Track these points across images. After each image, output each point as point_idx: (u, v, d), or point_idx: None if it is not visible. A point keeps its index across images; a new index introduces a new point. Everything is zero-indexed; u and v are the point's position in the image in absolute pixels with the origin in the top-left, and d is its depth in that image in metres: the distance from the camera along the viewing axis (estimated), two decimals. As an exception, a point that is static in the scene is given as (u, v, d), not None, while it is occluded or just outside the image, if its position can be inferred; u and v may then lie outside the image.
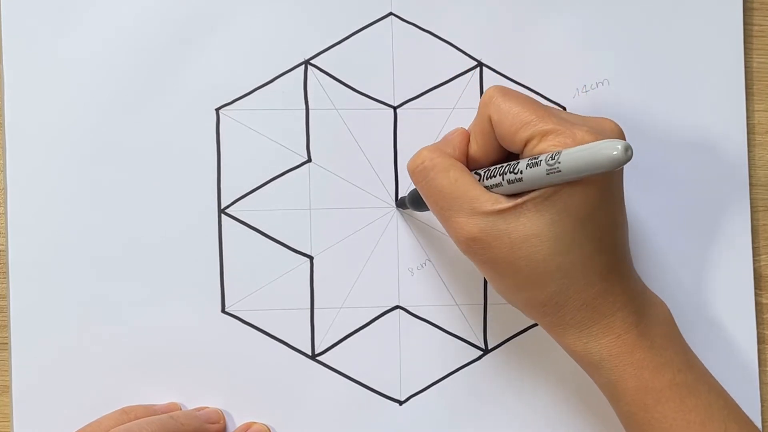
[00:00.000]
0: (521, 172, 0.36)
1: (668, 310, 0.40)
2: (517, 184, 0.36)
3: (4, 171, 0.44)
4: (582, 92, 0.47)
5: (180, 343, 0.44)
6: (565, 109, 0.47)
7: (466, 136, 0.40)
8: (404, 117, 0.46)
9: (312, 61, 0.46)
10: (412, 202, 0.43)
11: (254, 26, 0.45)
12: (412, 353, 0.46)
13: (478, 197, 0.37)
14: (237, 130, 0.45)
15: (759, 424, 0.46)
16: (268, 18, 0.45)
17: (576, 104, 0.46)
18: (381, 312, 0.46)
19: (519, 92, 0.38)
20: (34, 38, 0.44)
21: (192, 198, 0.45)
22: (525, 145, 0.37)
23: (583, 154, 0.33)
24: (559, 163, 0.34)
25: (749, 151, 0.47)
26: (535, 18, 0.46)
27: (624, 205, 0.39)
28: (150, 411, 0.43)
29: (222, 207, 0.45)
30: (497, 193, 0.37)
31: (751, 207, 0.47)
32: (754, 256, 0.47)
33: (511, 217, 0.36)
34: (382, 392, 0.45)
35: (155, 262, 0.44)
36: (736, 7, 0.47)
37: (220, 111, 0.45)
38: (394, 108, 0.46)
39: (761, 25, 0.48)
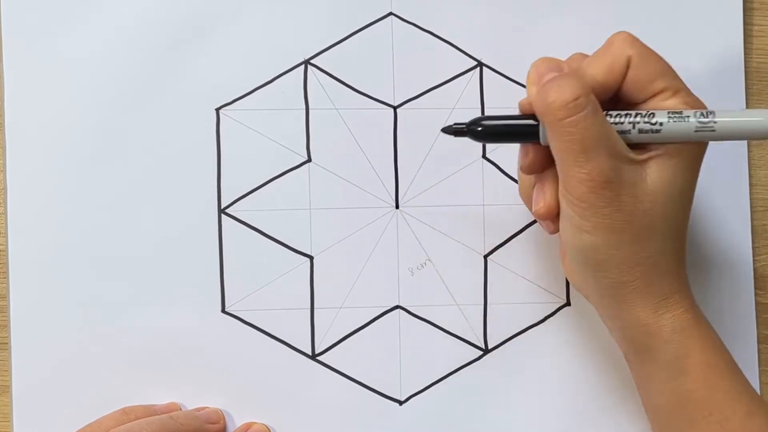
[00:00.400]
0: (660, 124, 0.36)
1: None
2: (648, 134, 0.36)
3: (4, 171, 0.44)
4: (582, 92, 0.47)
5: (180, 343, 0.44)
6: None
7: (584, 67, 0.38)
8: (404, 117, 0.46)
9: (312, 61, 0.46)
10: (496, 134, 0.39)
11: (254, 26, 0.45)
12: (412, 353, 0.46)
13: (618, 142, 0.37)
14: (237, 130, 0.45)
15: (759, 424, 0.46)
16: (268, 18, 0.45)
17: (576, 104, 0.46)
18: (381, 312, 0.46)
19: None
20: (34, 38, 0.44)
21: (192, 198, 0.45)
22: (655, 95, 0.37)
23: (740, 120, 0.36)
24: (715, 122, 0.36)
25: (749, 151, 0.47)
26: (535, 18, 0.46)
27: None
28: (150, 411, 0.43)
29: (222, 207, 0.45)
30: None
31: (751, 207, 0.47)
32: (754, 256, 0.47)
33: (640, 169, 0.37)
34: (382, 392, 0.45)
35: (155, 262, 0.44)
36: (736, 7, 0.47)
37: (220, 111, 0.45)
38: (394, 108, 0.46)
39: (761, 25, 0.48)
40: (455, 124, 0.39)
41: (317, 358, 0.45)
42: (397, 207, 0.46)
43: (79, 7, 0.44)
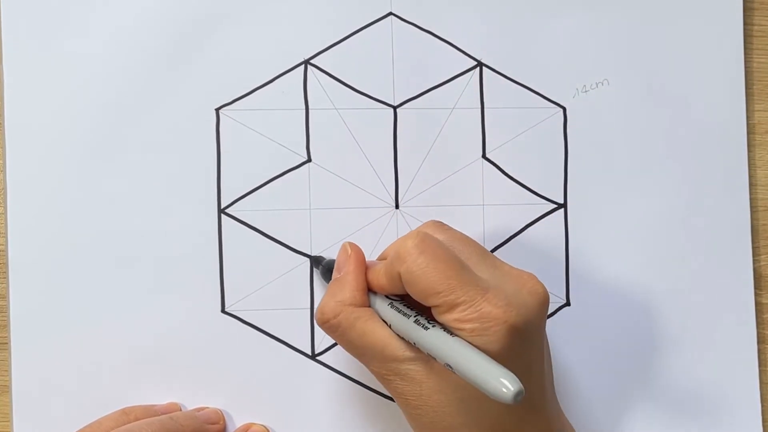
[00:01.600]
0: (426, 353, 0.35)
1: None
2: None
3: (4, 171, 0.44)
4: (582, 92, 0.47)
5: (180, 343, 0.44)
6: (565, 110, 0.47)
7: (361, 268, 0.39)
8: (404, 117, 0.46)
9: (312, 61, 0.46)
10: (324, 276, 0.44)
11: (254, 26, 0.45)
12: (412, 353, 0.46)
13: (387, 345, 0.37)
14: (237, 130, 0.45)
15: (759, 424, 0.46)
16: (268, 18, 0.45)
17: (576, 104, 0.46)
18: (381, 312, 0.46)
19: (439, 244, 0.36)
20: (34, 38, 0.44)
21: (192, 198, 0.45)
22: (432, 308, 0.36)
23: (474, 374, 0.32)
24: (453, 371, 0.33)
25: (749, 151, 0.47)
26: (535, 18, 0.46)
27: (542, 356, 0.38)
28: (150, 411, 0.43)
29: (222, 207, 0.45)
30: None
31: (751, 207, 0.47)
32: (754, 256, 0.47)
33: (419, 368, 0.36)
34: (382, 392, 0.45)
35: (155, 261, 0.44)
36: (736, 7, 0.47)
37: (220, 111, 0.45)
38: (394, 108, 0.46)
39: (761, 25, 0.48)
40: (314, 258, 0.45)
41: (317, 358, 0.45)
42: (397, 207, 0.46)
43: (79, 7, 0.44)
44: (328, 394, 0.45)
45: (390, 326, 0.37)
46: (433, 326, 0.35)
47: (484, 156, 0.46)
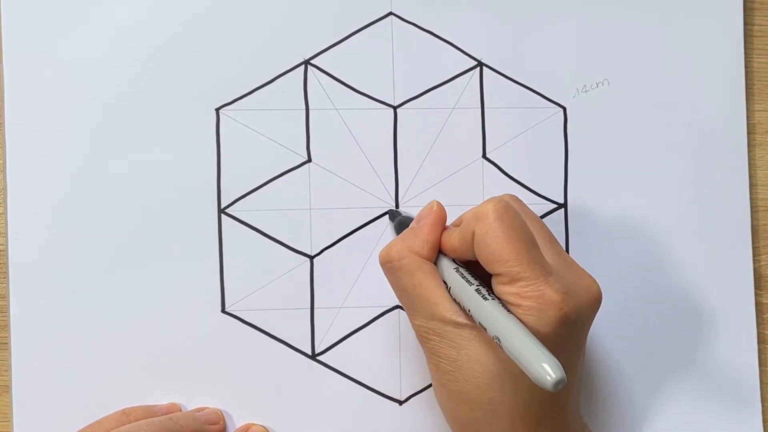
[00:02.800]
0: (478, 322, 0.35)
1: None
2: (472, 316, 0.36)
3: (4, 171, 0.44)
4: (582, 92, 0.47)
5: (180, 343, 0.44)
6: (565, 110, 0.47)
7: (439, 225, 0.39)
8: (404, 117, 0.46)
9: (312, 61, 0.46)
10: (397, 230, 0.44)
11: (254, 26, 0.45)
12: (412, 353, 0.46)
13: (439, 303, 0.37)
14: (237, 130, 0.45)
15: (759, 424, 0.46)
16: (268, 18, 0.45)
17: (576, 104, 0.46)
18: (381, 312, 0.46)
19: (517, 215, 0.37)
20: (34, 38, 0.44)
21: (192, 198, 0.45)
22: (494, 275, 0.36)
23: (521, 354, 0.32)
24: (500, 345, 0.34)
25: (749, 151, 0.47)
26: (535, 18, 0.46)
27: (581, 355, 0.39)
28: (150, 412, 0.43)
29: (222, 207, 0.45)
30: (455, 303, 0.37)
31: (751, 207, 0.47)
32: (754, 256, 0.47)
33: (464, 333, 0.37)
34: (382, 392, 0.45)
35: (155, 261, 0.44)
36: (736, 7, 0.47)
37: (220, 111, 0.45)
38: (394, 108, 0.46)
39: (761, 25, 0.48)
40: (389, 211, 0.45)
41: (317, 358, 0.45)
42: (397, 207, 0.46)
43: (79, 7, 0.44)
44: (328, 394, 0.45)
45: (449, 289, 0.37)
46: (492, 299, 0.35)
47: (484, 156, 0.46)
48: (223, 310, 0.45)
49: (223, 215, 0.45)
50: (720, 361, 0.46)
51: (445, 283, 0.38)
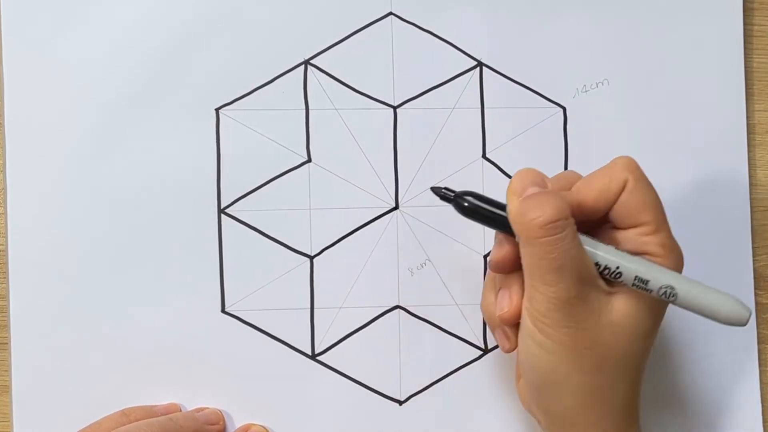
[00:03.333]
0: (635, 277, 0.36)
1: None
2: (610, 278, 0.36)
3: (4, 171, 0.44)
4: (582, 92, 0.47)
5: (180, 343, 0.44)
6: (565, 110, 0.47)
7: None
8: (404, 117, 0.46)
9: (312, 61, 0.46)
10: (478, 214, 0.39)
11: (254, 26, 0.45)
12: (412, 353, 0.46)
13: (589, 266, 0.36)
14: (237, 130, 0.45)
15: (759, 424, 0.46)
16: (268, 18, 0.45)
17: (576, 104, 0.46)
18: (381, 312, 0.46)
19: None
20: (34, 38, 0.44)
21: (192, 198, 0.45)
22: (637, 226, 0.37)
23: (705, 298, 0.35)
24: (675, 296, 0.36)
25: (749, 151, 0.47)
26: (535, 18, 0.46)
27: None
28: (150, 412, 0.43)
29: (222, 207, 0.45)
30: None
31: (751, 207, 0.47)
32: (754, 256, 0.47)
33: (607, 299, 0.36)
34: (382, 392, 0.45)
35: (155, 262, 0.44)
36: (736, 7, 0.47)
37: (220, 111, 0.45)
38: (394, 108, 0.46)
39: (761, 25, 0.48)
40: (446, 189, 0.39)
41: (317, 358, 0.45)
42: (397, 207, 0.46)
43: (79, 7, 0.44)
44: (328, 394, 0.45)
45: None
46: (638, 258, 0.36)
47: (484, 156, 0.46)
48: (223, 310, 0.45)
49: (223, 215, 0.45)
50: (720, 361, 0.46)
51: None
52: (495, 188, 0.46)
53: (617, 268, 0.36)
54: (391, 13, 0.46)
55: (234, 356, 0.45)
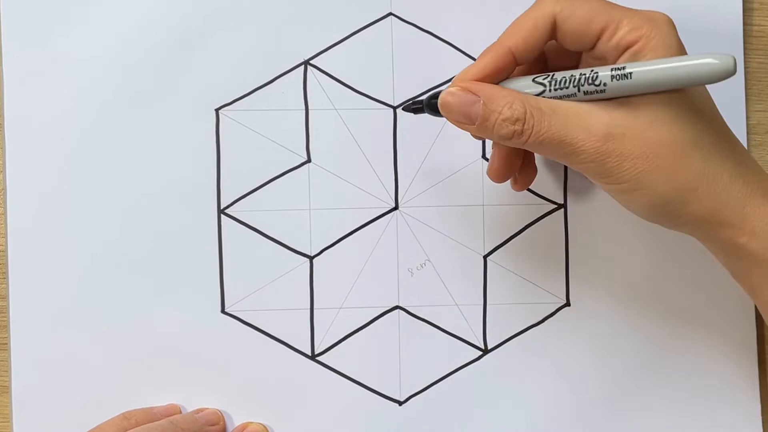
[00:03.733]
0: (604, 84, 0.35)
1: None
2: (597, 95, 0.36)
3: (4, 171, 0.44)
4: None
5: (180, 343, 0.44)
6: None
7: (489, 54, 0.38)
8: (404, 117, 0.46)
9: (312, 61, 0.46)
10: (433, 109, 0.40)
11: (254, 26, 0.45)
12: (412, 353, 0.46)
13: (582, 113, 0.36)
14: (237, 130, 0.45)
15: (759, 424, 0.46)
16: (268, 18, 0.45)
17: (576, 104, 0.46)
18: (381, 312, 0.46)
19: None
20: (34, 38, 0.44)
21: (192, 198, 0.45)
22: (599, 38, 0.36)
23: (681, 68, 0.34)
24: (630, 74, 0.34)
25: (749, 151, 0.47)
26: (535, 18, 0.46)
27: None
28: (150, 415, 0.43)
29: (222, 207, 0.45)
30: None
31: (751, 207, 0.47)
32: (754, 256, 0.47)
33: (627, 116, 0.36)
34: (382, 392, 0.45)
35: (155, 261, 0.44)
36: (736, 7, 0.47)
37: (220, 111, 0.45)
38: (394, 108, 0.46)
39: (761, 25, 0.48)
40: (413, 102, 0.41)
41: (317, 358, 0.45)
42: (397, 207, 0.46)
43: (79, 7, 0.44)
44: (328, 394, 0.45)
45: (559, 97, 0.37)
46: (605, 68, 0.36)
47: (484, 156, 0.46)
48: (223, 311, 0.45)
49: (223, 215, 0.45)
50: (720, 361, 0.46)
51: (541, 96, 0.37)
52: (495, 188, 0.46)
53: (604, 84, 0.35)
54: (391, 14, 0.46)
55: (234, 356, 0.45)
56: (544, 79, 0.37)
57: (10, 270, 0.44)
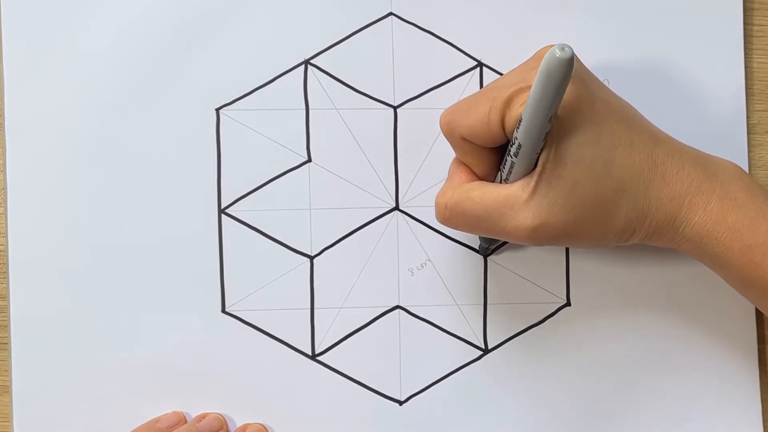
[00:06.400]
0: (516, 139, 0.36)
1: (738, 166, 0.40)
2: (522, 150, 0.36)
3: (4, 171, 0.44)
4: (582, 92, 0.47)
5: (180, 342, 0.44)
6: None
7: (462, 164, 0.41)
8: (404, 117, 0.46)
9: (312, 61, 0.46)
10: (484, 242, 0.45)
11: (254, 26, 0.45)
12: (412, 353, 0.46)
13: (509, 195, 0.38)
14: (237, 130, 0.45)
15: (759, 424, 0.46)
16: (268, 18, 0.45)
17: (576, 104, 0.46)
18: (381, 312, 0.46)
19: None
20: (34, 38, 0.44)
21: (192, 198, 0.45)
22: (502, 124, 0.37)
23: (537, 80, 0.34)
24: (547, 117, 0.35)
25: (749, 151, 0.47)
26: (535, 18, 0.46)
27: (612, 98, 0.40)
28: (153, 429, 0.43)
29: (222, 207, 0.45)
30: (518, 178, 0.38)
31: (751, 207, 0.47)
32: (754, 256, 0.47)
33: (544, 187, 0.37)
34: (382, 392, 0.45)
35: (155, 262, 0.44)
36: (736, 7, 0.47)
37: (220, 111, 0.45)
38: (394, 108, 0.46)
39: (761, 25, 0.48)
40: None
41: (317, 358, 0.45)
42: (397, 207, 0.46)
43: (79, 7, 0.44)
44: (328, 394, 0.45)
45: (505, 180, 0.39)
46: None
47: (484, 156, 0.46)
48: (223, 310, 0.45)
49: (223, 215, 0.45)
50: (720, 361, 0.46)
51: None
52: (495, 188, 0.46)
53: (513, 141, 0.37)
54: (391, 13, 0.46)
55: (234, 356, 0.45)
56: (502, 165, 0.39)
57: (10, 270, 0.44)
